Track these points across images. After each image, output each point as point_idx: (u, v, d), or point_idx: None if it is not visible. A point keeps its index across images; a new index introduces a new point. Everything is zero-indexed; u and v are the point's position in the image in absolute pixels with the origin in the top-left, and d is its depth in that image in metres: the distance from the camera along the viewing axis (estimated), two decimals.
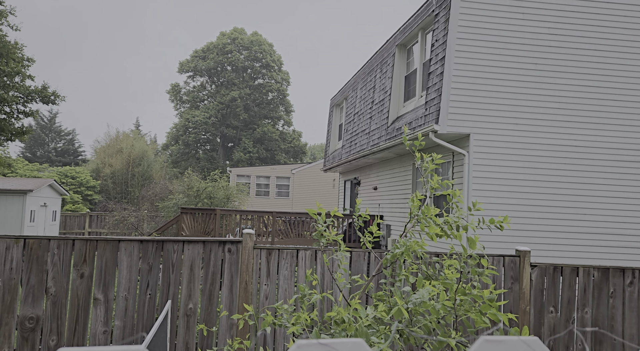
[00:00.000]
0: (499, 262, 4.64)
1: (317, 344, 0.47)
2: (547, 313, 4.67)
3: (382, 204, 12.49)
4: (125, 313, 3.96)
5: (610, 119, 8.29)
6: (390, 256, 2.24)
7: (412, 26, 10.50)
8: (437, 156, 2.77)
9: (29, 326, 3.77)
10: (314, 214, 2.37)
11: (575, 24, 8.29)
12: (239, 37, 43.26)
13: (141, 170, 31.01)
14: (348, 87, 15.66)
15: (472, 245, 1.96)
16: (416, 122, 9.11)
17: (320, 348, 0.47)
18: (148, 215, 18.73)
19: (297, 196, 27.99)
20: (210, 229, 11.55)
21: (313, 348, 0.47)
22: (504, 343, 0.52)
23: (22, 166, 29.11)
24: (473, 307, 1.76)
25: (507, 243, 7.44)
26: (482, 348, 0.52)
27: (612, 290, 4.76)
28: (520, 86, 8.16)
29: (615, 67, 8.33)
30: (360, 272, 4.41)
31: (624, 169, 8.23)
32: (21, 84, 15.94)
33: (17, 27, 15.81)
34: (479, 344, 0.53)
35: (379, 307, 1.88)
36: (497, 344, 0.52)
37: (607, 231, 8.09)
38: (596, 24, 8.33)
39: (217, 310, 4.16)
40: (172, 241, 4.15)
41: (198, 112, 42.11)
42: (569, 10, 8.29)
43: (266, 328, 1.93)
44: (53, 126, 47.19)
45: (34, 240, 3.84)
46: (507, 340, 0.53)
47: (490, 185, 7.94)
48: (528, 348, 0.53)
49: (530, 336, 0.55)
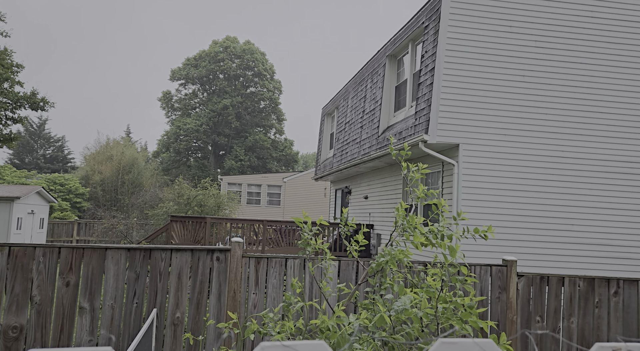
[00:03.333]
0: (487, 272, 4.68)
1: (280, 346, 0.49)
2: (534, 323, 4.71)
3: (373, 213, 12.53)
4: (111, 322, 3.92)
5: (597, 131, 8.44)
6: (375, 264, 2.26)
7: (402, 37, 10.64)
8: (422, 166, 2.81)
9: (13, 335, 3.72)
10: (300, 222, 2.39)
11: (561, 38, 8.47)
12: (231, 46, 43.41)
13: (131, 177, 30.77)
14: (339, 96, 15.76)
15: (453, 253, 1.99)
16: (406, 132, 9.19)
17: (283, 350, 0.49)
18: (137, 223, 18.57)
19: (288, 204, 27.94)
20: (200, 238, 11.48)
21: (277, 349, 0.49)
22: (459, 344, 0.55)
23: (9, 172, 28.74)
24: (455, 315, 1.79)
25: (494, 252, 7.50)
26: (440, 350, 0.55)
27: (598, 300, 4.82)
28: (509, 97, 8.29)
29: (602, 79, 8.51)
30: (349, 280, 4.42)
31: (611, 180, 8.37)
32: (10, 90, 15.83)
33: (6, 33, 15.74)
34: (436, 345, 0.55)
35: (362, 315, 1.89)
36: (453, 345, 0.55)
37: (593, 242, 8.20)
38: (582, 37, 8.52)
39: (204, 319, 4.14)
40: (160, 249, 4.13)
41: (189, 120, 42.02)
42: (555, 24, 8.48)
43: (250, 336, 1.94)
44: (42, 132, 46.75)
45: (19, 248, 3.81)
46: (461, 342, 0.56)
47: (479, 195, 8.01)
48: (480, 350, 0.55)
49: (485, 339, 0.57)
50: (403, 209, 2.43)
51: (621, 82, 8.54)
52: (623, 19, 8.62)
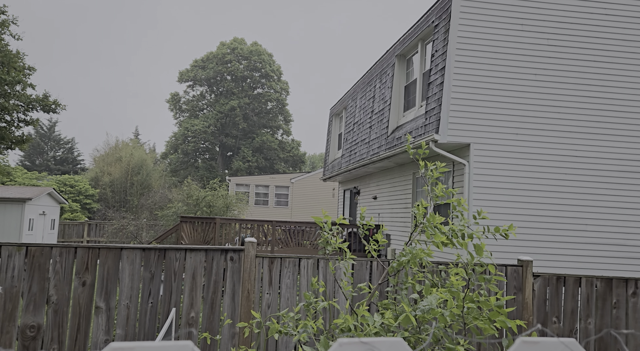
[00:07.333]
0: (502, 272, 4.63)
1: (359, 343, 0.48)
2: (551, 324, 4.65)
3: (382, 214, 12.48)
4: (127, 321, 3.93)
5: (611, 129, 8.33)
6: (396, 264, 2.24)
7: (411, 37, 10.60)
8: (440, 165, 2.79)
9: (30, 334, 3.74)
10: (320, 221, 2.37)
11: (574, 35, 8.38)
12: (238, 47, 43.55)
13: (140, 179, 30.97)
14: (348, 97, 15.74)
15: (479, 252, 1.96)
16: (416, 131, 9.14)
17: (361, 347, 0.48)
18: (147, 224, 18.68)
19: (296, 205, 27.95)
20: (209, 238, 11.51)
21: (355, 346, 0.48)
22: (541, 344, 0.53)
23: (21, 174, 29.06)
24: (481, 315, 1.76)
25: (508, 252, 7.43)
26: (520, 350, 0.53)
27: (616, 301, 4.75)
28: (520, 96, 8.21)
29: (615, 77, 8.40)
30: (363, 281, 4.40)
31: (626, 179, 8.26)
32: (22, 92, 16.00)
33: (19, 36, 15.91)
34: (517, 345, 0.53)
35: (385, 315, 1.87)
36: (535, 345, 0.53)
37: (610, 242, 8.09)
38: (595, 35, 8.42)
39: (220, 319, 4.14)
40: (175, 249, 4.14)
41: (197, 122, 42.21)
42: (567, 22, 8.39)
43: (275, 336, 1.93)
44: (52, 134, 47.21)
45: (36, 248, 3.83)
46: (544, 341, 0.54)
47: (490, 195, 7.95)
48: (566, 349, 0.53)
49: (569, 338, 0.55)
50: (423, 208, 2.41)
51: (636, 79, 8.43)
52: (638, 14, 8.51)
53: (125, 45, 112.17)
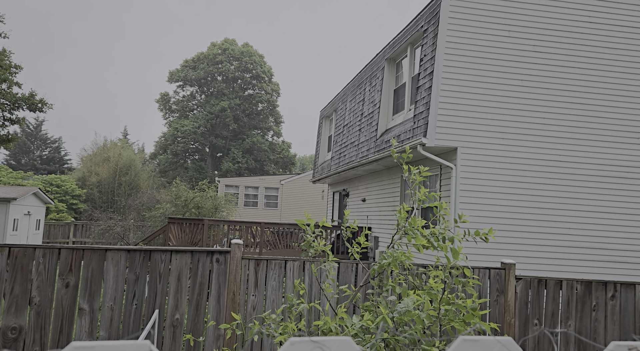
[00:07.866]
0: (485, 274, 4.70)
1: (309, 341, 0.51)
2: (532, 326, 4.73)
3: (370, 216, 12.55)
4: (110, 323, 3.92)
5: (594, 135, 8.50)
6: (377, 266, 2.28)
7: (401, 41, 10.70)
8: (424, 169, 2.84)
9: (12, 336, 3.71)
10: (303, 224, 2.40)
11: (560, 42, 8.54)
12: (229, 48, 43.44)
13: (128, 179, 30.68)
14: (338, 99, 15.80)
15: (456, 256, 2.01)
16: (404, 135, 9.22)
17: (311, 345, 0.51)
18: (134, 225, 18.52)
19: (285, 207, 27.93)
20: (197, 240, 11.46)
21: (306, 344, 0.50)
22: (481, 342, 0.56)
23: (5, 173, 28.62)
24: (457, 317, 1.80)
25: (492, 255, 7.53)
26: (461, 347, 0.56)
27: (595, 303, 4.85)
28: (507, 102, 8.34)
29: (599, 84, 8.57)
30: (348, 283, 4.43)
31: (607, 184, 8.42)
32: (8, 90, 15.79)
33: (5, 34, 15.71)
34: (458, 343, 0.56)
35: (364, 316, 1.91)
36: (474, 343, 0.56)
37: (591, 245, 8.24)
38: (580, 42, 8.58)
39: (204, 320, 4.14)
40: (160, 250, 4.13)
41: (187, 122, 41.99)
42: (553, 29, 8.54)
43: (254, 337, 1.95)
44: (39, 133, 46.58)
45: (19, 249, 3.80)
46: (483, 339, 0.57)
47: (476, 198, 8.05)
48: (502, 348, 0.57)
49: (506, 337, 0.59)
50: (405, 212, 2.45)
51: (618, 87, 8.61)
52: (621, 24, 8.70)
53: (115, 44, 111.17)
